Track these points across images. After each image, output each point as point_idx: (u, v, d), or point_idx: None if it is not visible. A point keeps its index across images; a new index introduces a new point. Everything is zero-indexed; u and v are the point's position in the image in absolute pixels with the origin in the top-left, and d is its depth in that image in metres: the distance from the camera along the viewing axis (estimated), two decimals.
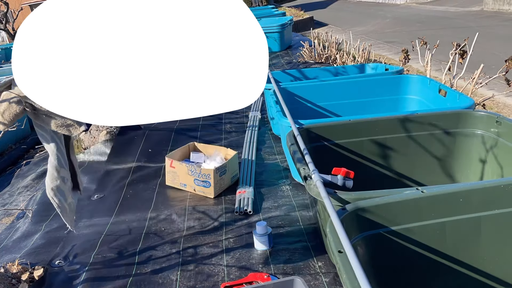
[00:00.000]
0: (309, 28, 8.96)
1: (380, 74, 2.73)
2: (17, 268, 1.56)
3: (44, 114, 1.19)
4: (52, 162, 1.28)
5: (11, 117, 1.13)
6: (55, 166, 1.28)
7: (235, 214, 1.91)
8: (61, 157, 1.30)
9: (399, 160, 1.86)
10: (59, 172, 1.30)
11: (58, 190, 1.32)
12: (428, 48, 2.98)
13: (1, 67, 5.27)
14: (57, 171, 1.29)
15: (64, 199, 1.35)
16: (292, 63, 5.70)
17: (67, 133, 1.22)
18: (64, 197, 1.34)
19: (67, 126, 1.21)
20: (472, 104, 1.87)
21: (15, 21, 10.48)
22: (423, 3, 14.84)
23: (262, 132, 2.98)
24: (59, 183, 1.31)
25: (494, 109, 3.90)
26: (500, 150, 1.67)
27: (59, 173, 1.30)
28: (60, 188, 1.32)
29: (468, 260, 1.17)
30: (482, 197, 1.14)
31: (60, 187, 1.32)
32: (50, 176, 1.30)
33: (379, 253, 1.10)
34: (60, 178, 1.31)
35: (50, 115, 1.19)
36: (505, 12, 10.08)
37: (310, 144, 1.71)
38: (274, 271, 1.52)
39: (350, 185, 1.32)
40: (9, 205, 2.37)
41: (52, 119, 1.19)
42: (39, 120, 1.22)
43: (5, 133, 1.27)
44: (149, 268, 1.61)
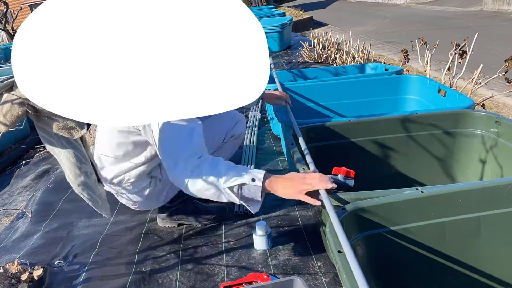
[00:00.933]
0: (309, 28, 8.97)
1: (379, 74, 2.73)
2: (17, 268, 1.56)
3: (46, 116, 1.19)
4: (70, 160, 1.28)
5: (13, 118, 1.13)
6: (74, 163, 1.28)
7: (234, 214, 1.91)
8: (78, 153, 1.30)
9: (399, 160, 1.86)
10: (80, 168, 1.30)
11: (85, 185, 1.32)
12: (428, 48, 2.98)
13: (1, 67, 5.27)
14: (78, 167, 1.29)
15: (93, 192, 1.36)
16: (291, 63, 5.71)
17: (68, 135, 1.22)
18: (92, 190, 1.35)
19: (69, 128, 1.21)
20: (471, 104, 1.87)
21: (14, 21, 10.48)
22: (423, 3, 14.85)
23: (262, 132, 2.98)
24: (83, 178, 1.32)
25: (493, 109, 3.90)
26: (499, 150, 1.68)
27: (81, 169, 1.31)
28: (85, 182, 1.33)
29: (467, 260, 1.17)
30: (481, 197, 1.14)
31: (86, 181, 1.33)
32: (73, 174, 1.30)
33: (378, 253, 1.10)
34: (83, 173, 1.32)
35: (52, 117, 1.19)
36: (505, 12, 10.09)
37: (309, 144, 1.71)
38: (274, 271, 1.52)
39: (351, 184, 1.32)
40: (8, 205, 2.37)
41: (54, 122, 1.19)
42: (41, 122, 1.21)
43: (4, 133, 1.27)
44: (148, 268, 1.61)
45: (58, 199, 2.26)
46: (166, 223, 1.85)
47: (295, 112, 2.44)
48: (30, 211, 2.15)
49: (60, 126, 1.19)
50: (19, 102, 1.13)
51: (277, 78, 2.62)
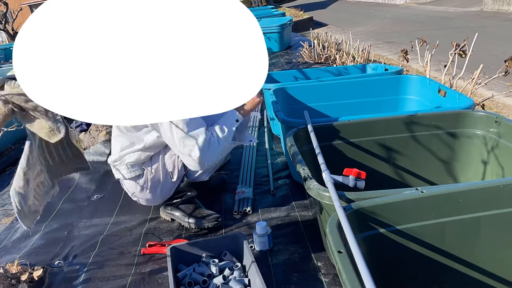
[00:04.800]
0: (309, 28, 8.97)
1: (379, 74, 2.73)
2: (17, 268, 1.55)
3: (31, 115, 1.19)
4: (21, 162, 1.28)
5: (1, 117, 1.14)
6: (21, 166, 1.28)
7: (234, 214, 1.91)
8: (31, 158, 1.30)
9: (399, 160, 1.86)
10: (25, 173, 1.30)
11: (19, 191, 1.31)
12: (428, 48, 2.98)
13: (1, 67, 5.27)
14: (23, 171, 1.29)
15: (24, 201, 1.33)
16: (291, 63, 5.71)
17: (46, 137, 1.22)
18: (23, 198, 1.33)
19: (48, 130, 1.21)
20: (471, 104, 1.87)
21: (14, 21, 10.47)
22: (423, 3, 14.85)
23: (262, 132, 2.98)
24: (22, 185, 1.30)
25: (493, 109, 3.90)
26: (499, 150, 1.67)
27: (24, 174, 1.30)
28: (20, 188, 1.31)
29: (467, 260, 1.17)
30: (481, 197, 1.14)
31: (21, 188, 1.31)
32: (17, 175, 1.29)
33: (379, 253, 1.10)
34: (25, 180, 1.31)
35: (37, 116, 1.19)
36: (505, 12, 10.09)
37: (308, 145, 1.71)
38: (274, 271, 1.52)
39: (361, 186, 1.31)
40: (8, 205, 2.37)
41: (37, 121, 1.19)
42: (24, 120, 1.22)
43: (4, 134, 1.28)
44: (148, 268, 1.61)
45: (58, 199, 2.26)
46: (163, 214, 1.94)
47: (295, 112, 2.44)
48: None
49: (41, 126, 1.20)
50: (3, 100, 1.13)
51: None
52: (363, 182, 1.31)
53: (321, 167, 1.37)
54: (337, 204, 1.04)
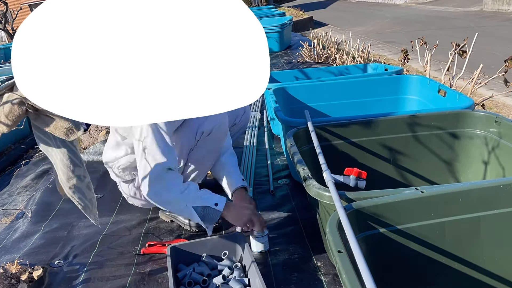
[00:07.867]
0: (309, 28, 8.97)
1: (379, 74, 2.73)
2: (17, 268, 1.55)
3: (45, 115, 1.19)
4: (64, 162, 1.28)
5: (15, 118, 1.14)
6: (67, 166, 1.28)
7: None
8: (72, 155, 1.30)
9: (398, 160, 1.86)
10: (73, 171, 1.30)
11: (76, 189, 1.32)
12: (428, 48, 2.98)
13: (1, 67, 5.27)
14: (71, 170, 1.30)
15: (84, 196, 1.36)
16: (291, 63, 5.71)
17: (63, 137, 1.22)
18: (83, 194, 1.35)
19: (66, 129, 1.21)
20: (471, 104, 1.87)
21: (14, 21, 10.47)
22: (423, 3, 14.85)
23: (262, 132, 2.98)
24: (75, 182, 1.32)
25: (493, 109, 3.90)
26: (499, 150, 1.67)
27: (74, 172, 1.31)
28: (77, 186, 1.33)
29: (467, 260, 1.17)
30: (481, 197, 1.14)
31: (77, 185, 1.32)
32: (65, 176, 1.30)
33: (378, 253, 1.10)
34: (76, 176, 1.32)
35: (51, 116, 1.19)
36: (505, 12, 10.09)
37: (309, 145, 1.71)
38: (274, 271, 1.51)
39: (362, 185, 1.31)
40: (8, 205, 2.37)
41: (52, 121, 1.19)
42: (38, 121, 1.21)
43: (4, 133, 1.27)
44: (148, 268, 1.61)
45: (58, 199, 2.26)
46: (163, 216, 1.93)
47: (295, 112, 2.44)
48: (30, 211, 2.15)
49: (57, 126, 1.19)
50: (19, 102, 1.13)
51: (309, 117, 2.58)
52: (364, 182, 1.31)
53: (322, 167, 1.37)
54: (337, 204, 1.04)
